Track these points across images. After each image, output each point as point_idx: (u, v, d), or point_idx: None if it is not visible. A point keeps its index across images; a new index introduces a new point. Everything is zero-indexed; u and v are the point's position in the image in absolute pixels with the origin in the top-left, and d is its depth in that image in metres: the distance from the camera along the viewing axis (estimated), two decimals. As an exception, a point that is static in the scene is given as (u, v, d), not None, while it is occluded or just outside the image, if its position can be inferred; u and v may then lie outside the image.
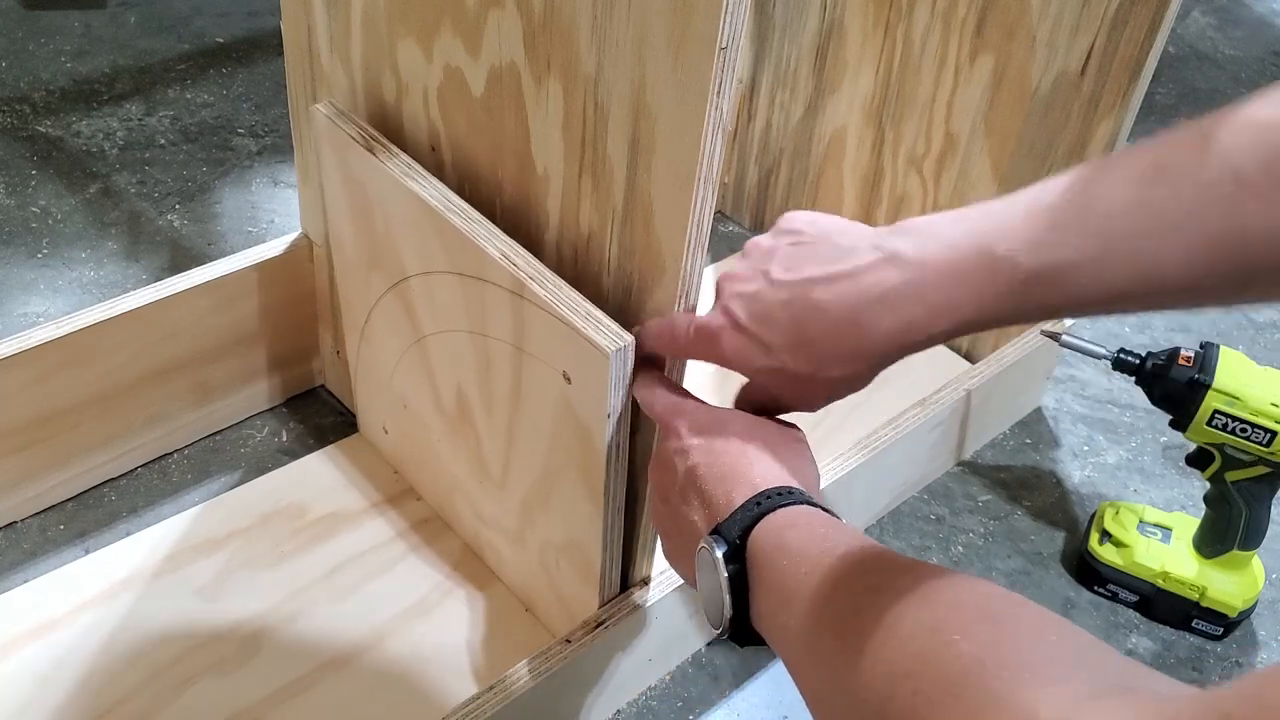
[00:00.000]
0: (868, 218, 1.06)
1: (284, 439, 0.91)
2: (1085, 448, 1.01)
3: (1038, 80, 0.88)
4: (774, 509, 0.51)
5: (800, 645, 0.47)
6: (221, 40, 1.37)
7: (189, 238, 1.09)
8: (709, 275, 1.10)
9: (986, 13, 0.90)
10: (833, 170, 1.08)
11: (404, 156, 0.69)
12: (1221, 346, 0.82)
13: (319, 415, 0.94)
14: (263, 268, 0.85)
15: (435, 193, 0.66)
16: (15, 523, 0.83)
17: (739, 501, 0.52)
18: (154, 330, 0.82)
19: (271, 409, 0.93)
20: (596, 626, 0.69)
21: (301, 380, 0.94)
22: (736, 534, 0.51)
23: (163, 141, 1.20)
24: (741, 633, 0.52)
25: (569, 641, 0.68)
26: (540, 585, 0.76)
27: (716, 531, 0.51)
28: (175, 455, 0.89)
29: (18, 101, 1.23)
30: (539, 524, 0.72)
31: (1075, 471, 0.98)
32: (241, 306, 0.86)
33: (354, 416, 0.91)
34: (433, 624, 0.78)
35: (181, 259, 1.06)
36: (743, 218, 1.21)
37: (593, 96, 0.56)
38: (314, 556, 0.81)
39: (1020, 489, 0.96)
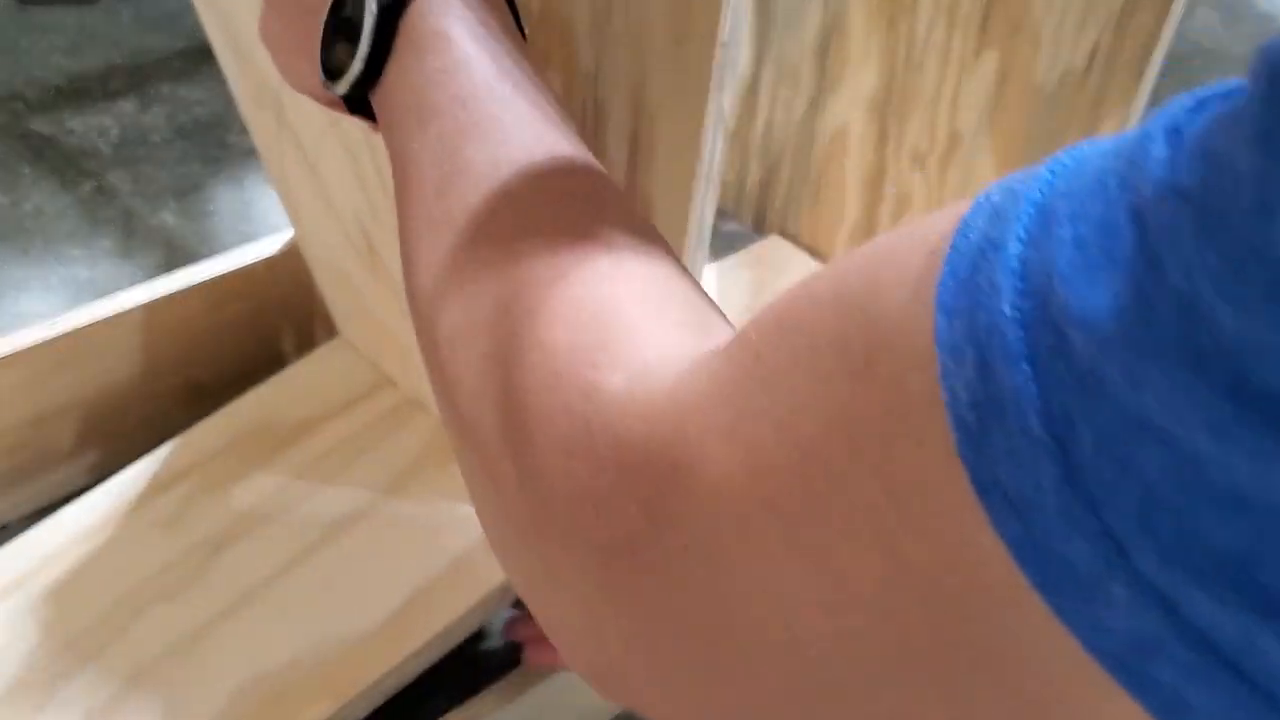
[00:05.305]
0: (870, 216, 1.05)
1: (279, 440, 0.91)
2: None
3: (1043, 76, 0.87)
4: None
5: (406, 164, 0.42)
6: (217, 36, 1.36)
7: (183, 236, 1.08)
8: (709, 275, 1.09)
9: (991, 8, 0.89)
10: (835, 167, 1.07)
11: None
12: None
13: (315, 416, 0.93)
14: (258, 267, 0.84)
15: None
16: (7, 525, 0.82)
17: None
18: (148, 330, 0.81)
19: (267, 410, 0.93)
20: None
21: (297, 381, 0.93)
22: None
23: (157, 139, 1.19)
24: (358, 100, 0.45)
25: None
26: None
27: None
28: (169, 457, 0.88)
29: (10, 99, 1.22)
30: None
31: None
32: (237, 306, 0.85)
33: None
34: (392, 511, 0.75)
35: (176, 258, 1.05)
36: (744, 216, 1.20)
37: (592, 94, 0.55)
38: (276, 468, 0.78)
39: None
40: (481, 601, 0.68)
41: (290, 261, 0.86)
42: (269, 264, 0.85)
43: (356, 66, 0.43)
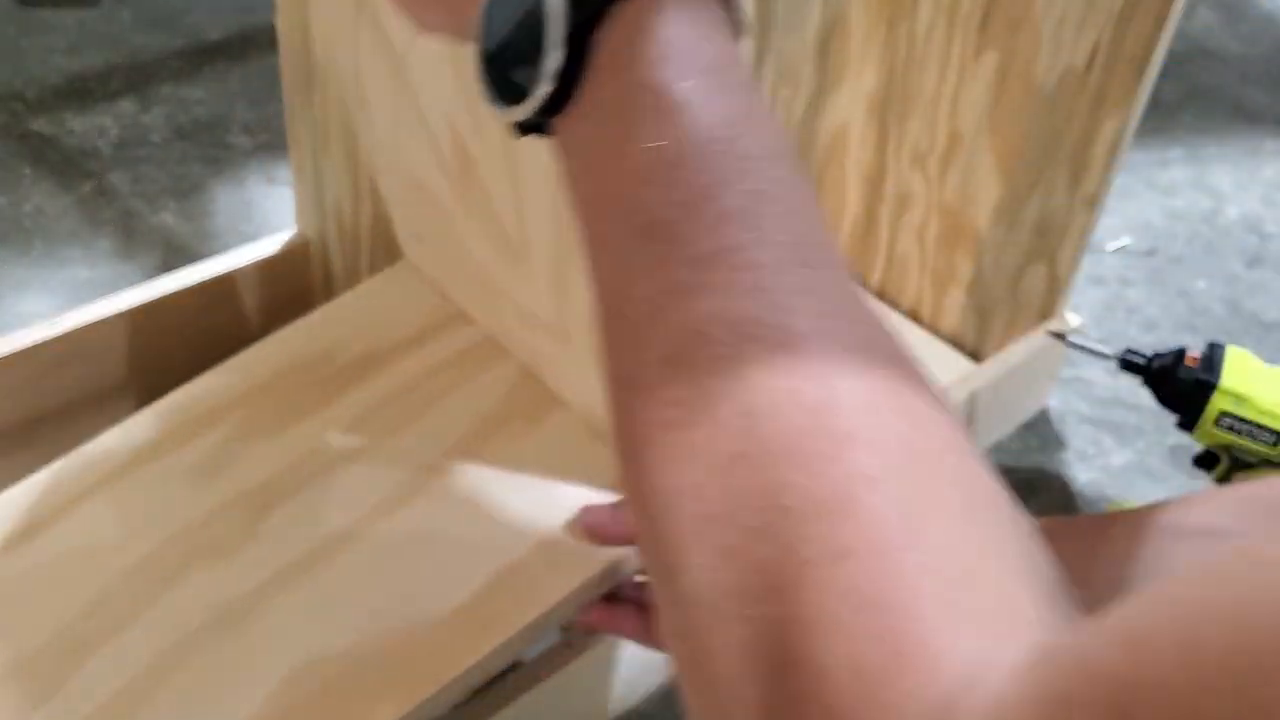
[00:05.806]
0: (870, 216, 1.05)
1: (279, 440, 0.90)
2: (1092, 450, 0.99)
3: (1043, 76, 0.87)
4: None
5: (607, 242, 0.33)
6: (216, 36, 1.35)
7: (183, 236, 1.08)
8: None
9: (991, 8, 0.88)
10: (835, 167, 1.07)
11: None
12: (1229, 346, 0.81)
13: (315, 416, 0.92)
14: (258, 267, 0.84)
15: None
16: (6, 526, 0.81)
17: None
18: (148, 330, 0.81)
19: (267, 410, 0.92)
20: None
21: (297, 381, 0.93)
22: None
23: (157, 139, 1.19)
24: (534, 125, 0.35)
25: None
26: (598, 393, 0.65)
27: None
28: (169, 457, 0.88)
29: (10, 99, 1.22)
30: (574, 297, 0.60)
31: (1082, 474, 0.97)
32: (236, 306, 0.85)
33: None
34: (472, 472, 0.64)
35: (175, 258, 1.05)
36: (743, 216, 1.19)
37: (592, 93, 0.55)
38: (336, 409, 0.68)
39: (1026, 492, 0.95)
40: (577, 590, 0.57)
41: (290, 261, 0.86)
42: (269, 264, 0.84)
43: (542, 87, 0.33)
